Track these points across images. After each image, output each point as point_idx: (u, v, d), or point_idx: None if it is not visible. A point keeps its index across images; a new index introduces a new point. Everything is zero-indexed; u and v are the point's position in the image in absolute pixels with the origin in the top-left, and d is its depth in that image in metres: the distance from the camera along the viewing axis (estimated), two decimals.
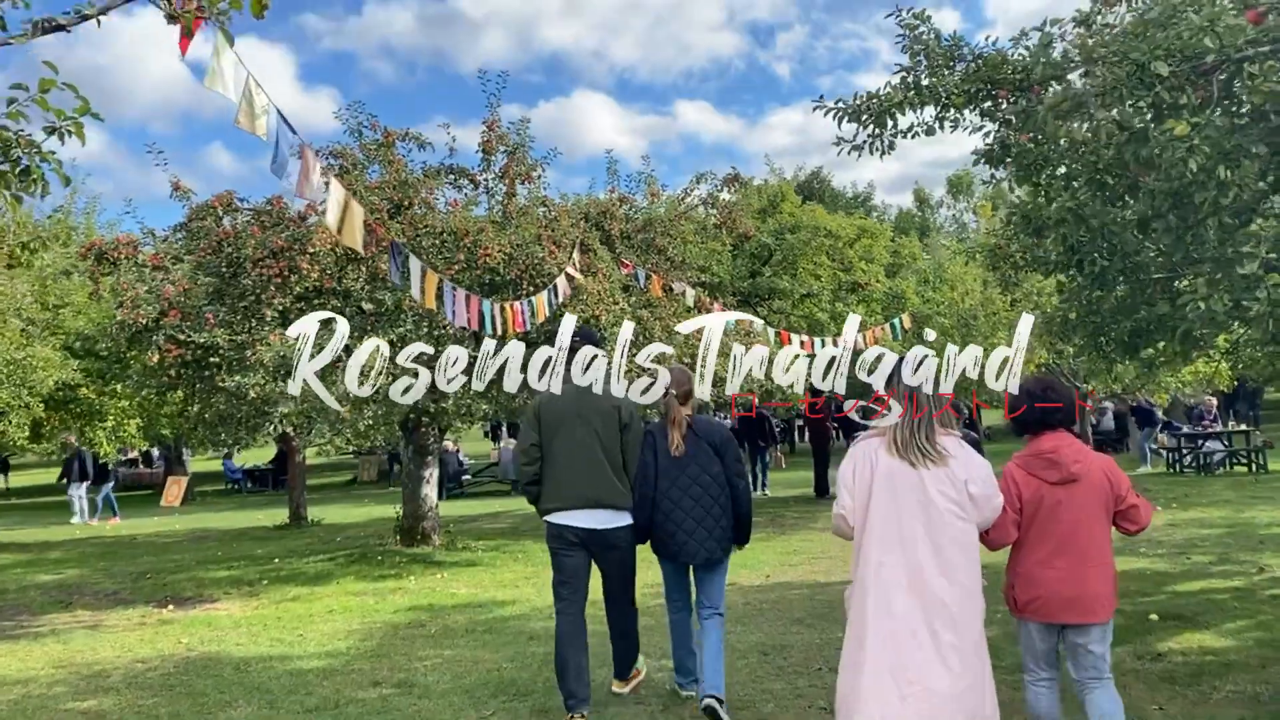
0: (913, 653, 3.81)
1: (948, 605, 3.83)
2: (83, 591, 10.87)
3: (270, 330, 9.36)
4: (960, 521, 3.89)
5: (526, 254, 10.12)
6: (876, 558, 3.92)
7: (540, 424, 5.61)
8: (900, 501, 3.91)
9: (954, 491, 3.90)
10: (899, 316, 14.87)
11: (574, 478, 5.46)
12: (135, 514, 23.73)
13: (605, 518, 5.46)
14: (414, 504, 12.55)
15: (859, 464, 4.05)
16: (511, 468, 23.20)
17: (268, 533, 17.11)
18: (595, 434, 5.44)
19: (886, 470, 3.96)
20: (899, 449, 3.96)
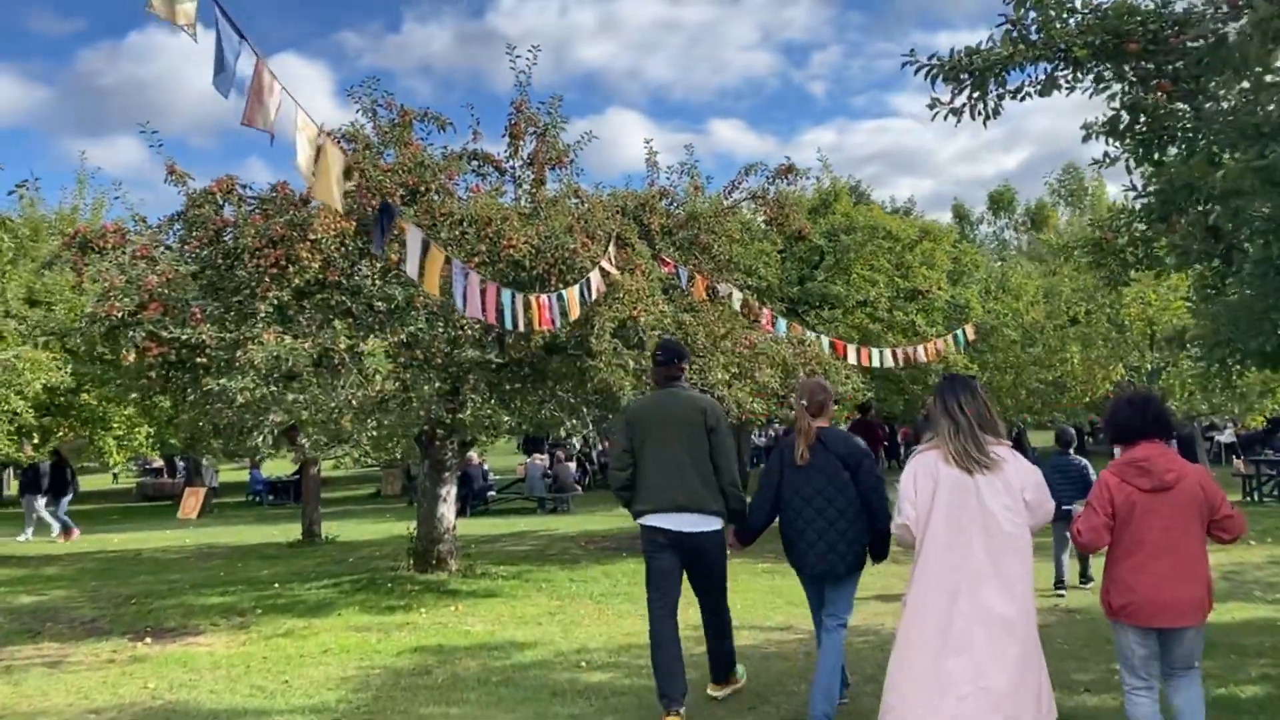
0: (970, 655, 3.91)
1: (1004, 609, 3.95)
2: (58, 618, 9.66)
3: (264, 328, 8.14)
4: (1016, 527, 4.02)
5: (556, 246, 8.84)
6: (936, 563, 4.04)
7: (631, 431, 5.67)
8: (959, 509, 4.03)
9: (1009, 498, 4.03)
10: (962, 328, 13.50)
11: (663, 482, 5.50)
12: (150, 526, 22.68)
13: (694, 521, 5.51)
14: (429, 525, 11.27)
15: (919, 474, 4.17)
16: (539, 485, 21.91)
17: (278, 550, 15.90)
18: (683, 439, 5.48)
19: (946, 479, 4.08)
20: (956, 459, 4.08)
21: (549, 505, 21.72)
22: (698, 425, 5.49)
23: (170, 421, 12.92)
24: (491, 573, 11.39)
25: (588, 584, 10.69)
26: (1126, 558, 4.23)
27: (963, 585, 3.96)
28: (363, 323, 8.59)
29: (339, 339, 7.97)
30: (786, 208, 11.14)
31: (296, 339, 8.09)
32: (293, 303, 8.58)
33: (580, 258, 8.75)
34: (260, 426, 7.82)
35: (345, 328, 8.03)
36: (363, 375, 7.86)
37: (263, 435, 7.81)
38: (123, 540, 18.97)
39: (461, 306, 6.59)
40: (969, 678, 3.88)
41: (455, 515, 11.59)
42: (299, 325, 8.47)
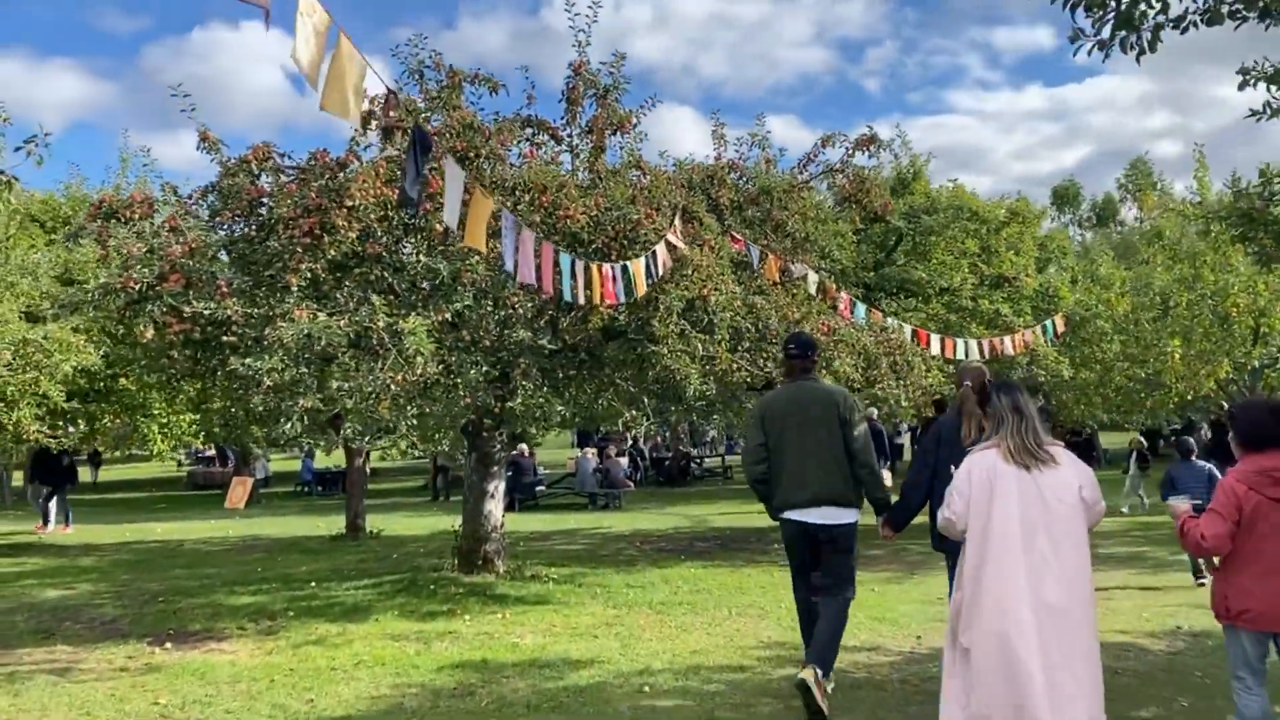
0: (1032, 649, 3.90)
1: (1065, 605, 3.95)
2: (78, 617, 8.93)
3: (295, 303, 7.30)
4: (1073, 523, 4.04)
5: (618, 218, 7.90)
6: (997, 558, 4.03)
7: (765, 425, 5.64)
8: (1019, 506, 4.04)
9: (1068, 495, 4.05)
10: (1051, 318, 12.33)
11: (801, 476, 5.46)
12: (197, 516, 22.22)
13: (831, 514, 5.47)
14: (475, 522, 10.40)
15: (975, 470, 4.18)
16: (590, 480, 21.04)
17: (320, 544, 15.19)
18: (818, 432, 5.46)
19: (1005, 476, 4.09)
20: (1014, 456, 4.10)
21: (600, 501, 20.84)
22: (832, 417, 5.49)
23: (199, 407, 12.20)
24: (541, 575, 10.49)
25: (646, 590, 9.74)
26: (1250, 565, 4.14)
27: (1024, 580, 3.98)
28: (405, 300, 7.72)
29: (377, 316, 7.10)
30: (867, 182, 10.08)
31: (331, 316, 7.24)
32: (328, 277, 7.74)
33: (644, 230, 7.80)
34: (290, 412, 6.98)
35: (385, 304, 7.17)
36: (403, 357, 6.98)
37: (291, 422, 6.97)
38: (166, 530, 18.44)
39: (512, 269, 5.69)
40: (1033, 671, 3.89)
41: (503, 512, 10.70)
42: (334, 302, 7.63)
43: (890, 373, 9.40)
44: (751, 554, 12.58)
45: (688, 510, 19.55)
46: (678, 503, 21.45)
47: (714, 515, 18.19)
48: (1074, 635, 3.94)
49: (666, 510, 19.85)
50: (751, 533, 14.78)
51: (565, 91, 9.29)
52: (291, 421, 6.97)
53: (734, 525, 16.18)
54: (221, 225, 8.73)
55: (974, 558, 4.10)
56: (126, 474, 38.80)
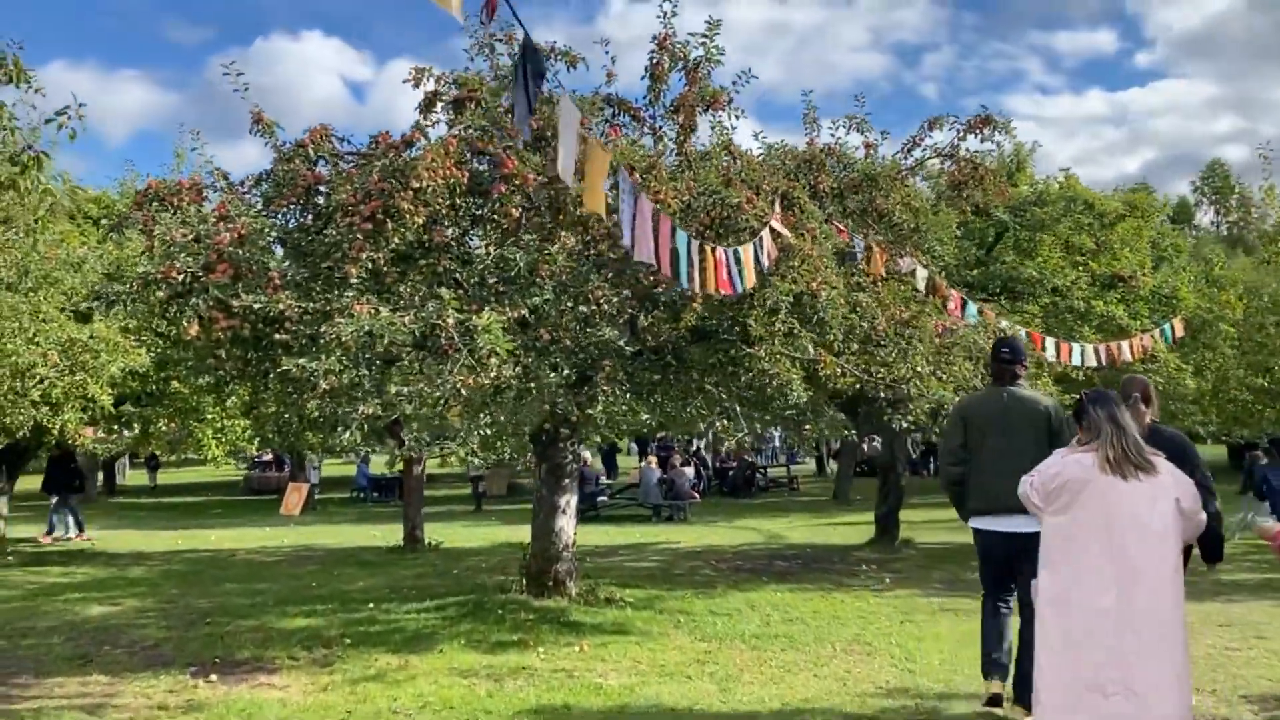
0: (1120, 657, 3.87)
1: (1156, 612, 3.91)
2: (118, 640, 8.18)
3: (355, 297, 6.46)
4: (1169, 532, 3.98)
5: (714, 201, 6.97)
6: (1085, 564, 3.99)
7: (966, 427, 5.64)
8: (1111, 513, 3.99)
9: (1165, 505, 4.00)
10: (1169, 321, 11.16)
11: (998, 484, 5.24)
12: (252, 522, 21.68)
13: (1026, 522, 4.99)
14: (545, 540, 9.50)
15: (1068, 468, 4.11)
16: (654, 491, 20.10)
17: (377, 556, 14.45)
18: (1023, 439, 5.32)
19: (1100, 482, 4.02)
20: (1111, 465, 4.03)
21: (664, 513, 19.89)
22: (1040, 427, 5.39)
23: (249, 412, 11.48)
24: (616, 599, 9.55)
25: (734, 620, 8.76)
26: None
27: (1113, 588, 3.94)
28: (473, 295, 6.86)
29: (446, 312, 6.23)
30: (981, 168, 9.02)
31: (395, 312, 6.39)
32: (391, 270, 6.89)
33: (745, 215, 6.85)
34: (348, 419, 6.15)
35: (454, 299, 6.30)
36: (475, 358, 6.10)
37: (350, 430, 6.13)
38: (220, 538, 17.87)
39: (629, 243, 4.80)
40: (1117, 679, 3.87)
41: (574, 528, 9.80)
42: (398, 296, 6.78)
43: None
44: (839, 576, 11.54)
45: (758, 524, 18.52)
46: (745, 515, 20.43)
47: (788, 530, 17.14)
48: (1163, 644, 3.90)
49: (735, 524, 18.84)
50: (834, 551, 13.73)
51: (648, 68, 8.37)
52: (350, 429, 6.13)
53: (812, 542, 15.13)
54: (275, 214, 7.94)
55: (1058, 554, 4.10)
56: (185, 478, 38.71)
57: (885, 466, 13.54)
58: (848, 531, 16.34)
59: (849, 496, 22.58)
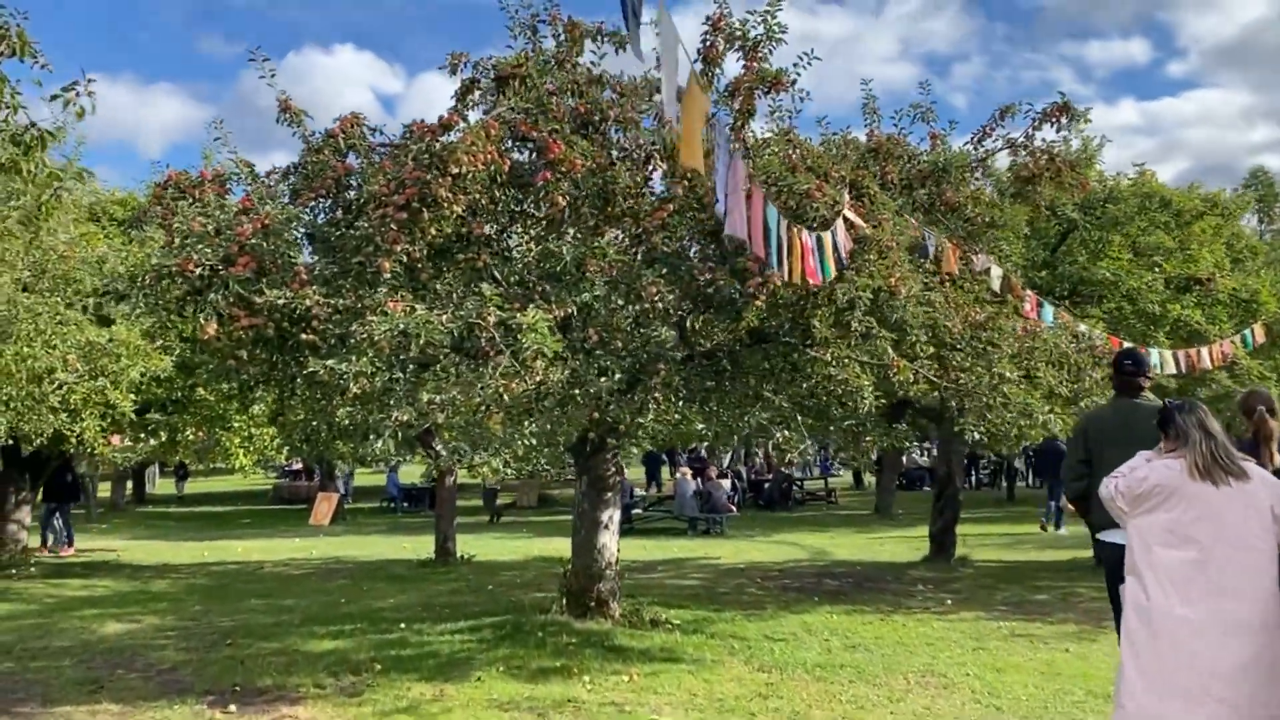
0: (1213, 667, 3.78)
1: (1249, 620, 3.82)
2: (133, 663, 7.63)
3: (387, 295, 5.88)
4: (1262, 540, 3.91)
5: (780, 189, 6.33)
6: (1176, 573, 3.91)
7: (1087, 440, 5.53)
8: (1201, 520, 3.93)
9: (1256, 513, 3.93)
10: (1250, 327, 10.38)
11: None
12: (280, 533, 21.25)
13: None
14: (586, 557, 8.86)
15: (1157, 470, 4.08)
16: (689, 503, 19.41)
17: (408, 570, 13.88)
18: None
19: (1189, 489, 3.98)
20: (1201, 470, 3.99)
21: (700, 527, 19.20)
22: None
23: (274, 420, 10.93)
24: (662, 620, 8.90)
25: (792, 646, 8.08)
26: None
27: (1206, 597, 3.85)
28: (514, 294, 6.26)
29: (488, 310, 5.63)
30: (1058, 160, 8.32)
31: (431, 310, 5.80)
32: (426, 265, 6.31)
33: (815, 204, 6.20)
34: (381, 427, 5.56)
35: (496, 295, 5.70)
36: (518, 361, 5.50)
37: (383, 439, 5.55)
38: (247, 549, 17.40)
39: (721, 211, 4.20)
40: (1212, 689, 3.76)
41: (618, 545, 9.17)
42: (434, 294, 6.20)
43: (1097, 386, 7.63)
44: (895, 596, 10.82)
45: (798, 539, 17.79)
46: (784, 530, 19.70)
47: (832, 546, 16.41)
48: (1255, 654, 3.79)
49: (774, 538, 18.12)
50: (886, 569, 13.00)
51: (700, 51, 7.75)
52: (383, 438, 5.55)
53: (860, 559, 14.40)
54: (302, 209, 7.39)
55: (1142, 560, 4.04)
56: (214, 486, 38.46)
57: (941, 480, 12.82)
58: (896, 547, 15.59)
59: (892, 510, 21.79)
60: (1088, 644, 8.23)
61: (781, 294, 6.25)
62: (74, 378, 9.68)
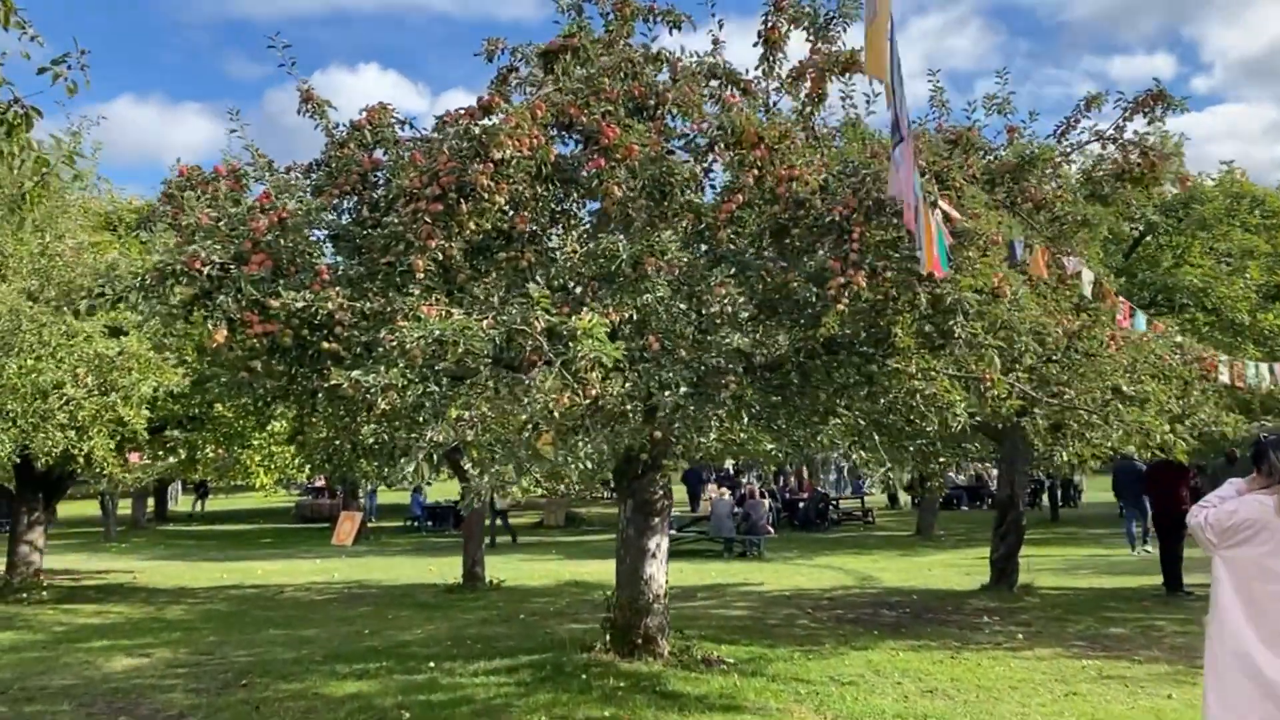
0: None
1: None
2: (137, 708, 6.84)
3: (420, 298, 5.14)
4: None
5: (861, 180, 5.56)
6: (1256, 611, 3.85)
7: None
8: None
9: None
10: None
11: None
12: (302, 553, 20.58)
13: None
14: (632, 589, 8.06)
15: (1246, 504, 3.99)
16: (726, 524, 18.57)
17: (436, 596, 13.11)
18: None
19: (1275, 524, 3.88)
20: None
21: (736, 549, 18.35)
22: None
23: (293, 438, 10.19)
24: (715, 659, 8.08)
25: (863, 691, 7.24)
26: None
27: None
28: (563, 299, 5.51)
29: (535, 314, 4.88)
30: (1152, 154, 7.49)
31: (470, 315, 5.06)
32: (464, 264, 5.57)
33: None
34: (413, 449, 4.82)
35: (545, 298, 4.94)
36: (570, 372, 4.73)
37: (415, 463, 4.80)
38: (267, 572, 16.70)
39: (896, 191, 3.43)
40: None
41: (666, 575, 8.36)
42: (472, 298, 5.46)
43: (1204, 401, 6.79)
44: (961, 630, 9.94)
45: (841, 562, 16.91)
46: (823, 552, 18.82)
47: (878, 571, 15.51)
48: None
49: (815, 561, 17.24)
50: (943, 598, 12.11)
51: (761, 33, 7.00)
52: (416, 460, 4.80)
53: (911, 586, 13.50)
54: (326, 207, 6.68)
55: (1226, 595, 3.96)
56: (236, 504, 37.90)
57: (1003, 503, 11.93)
58: (948, 573, 14.69)
59: (934, 532, 20.86)
60: (1188, 688, 7.33)
61: (865, 296, 5.46)
62: (83, 393, 9.02)
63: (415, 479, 5.62)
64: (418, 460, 4.78)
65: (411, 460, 4.79)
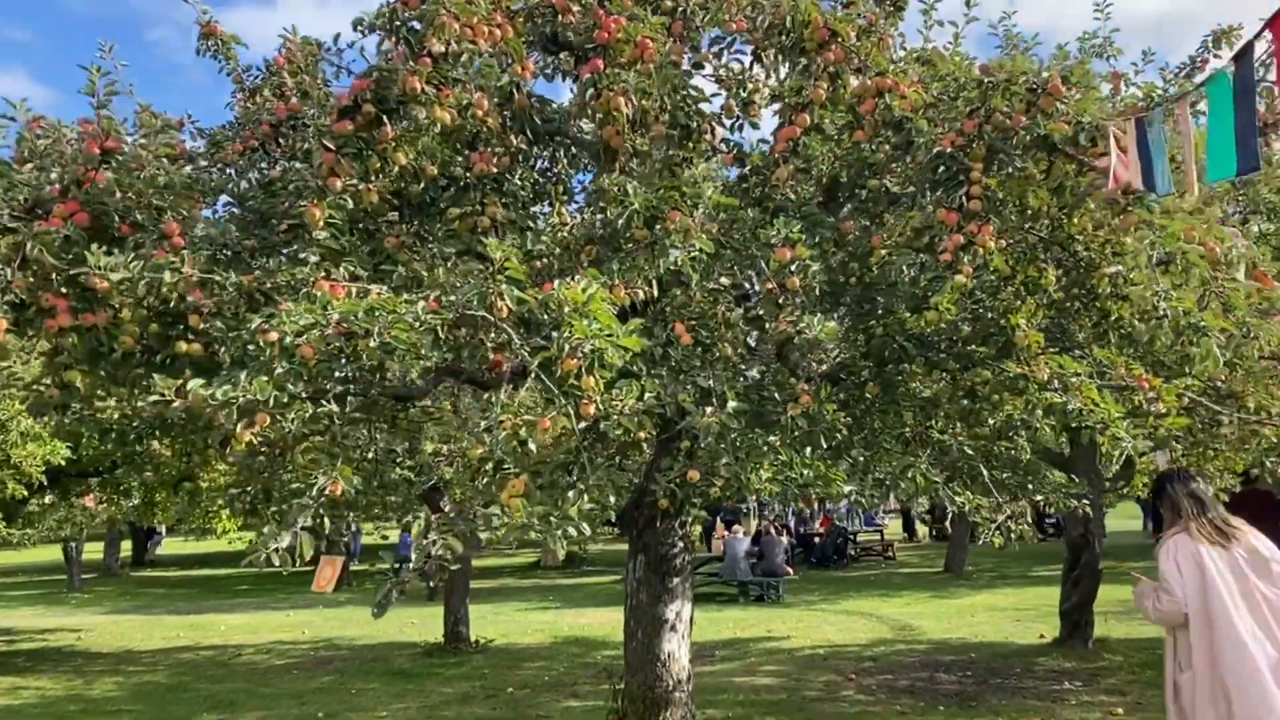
0: None
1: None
2: None
3: (316, 269, 3.25)
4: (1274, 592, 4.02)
5: (978, 96, 3.71)
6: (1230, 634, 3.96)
7: None
8: (1229, 580, 4.03)
9: (1261, 565, 4.06)
10: None
11: None
12: (276, 602, 18.58)
13: None
14: (648, 672, 6.05)
15: (1179, 556, 4.13)
16: (741, 565, 16.54)
17: (413, 659, 11.12)
18: None
19: (1210, 555, 4.07)
20: (1209, 535, 4.11)
21: (753, 593, 16.32)
22: None
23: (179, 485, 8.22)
24: None
25: None
26: None
27: (1264, 648, 3.93)
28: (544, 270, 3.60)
29: (500, 289, 2.98)
30: None
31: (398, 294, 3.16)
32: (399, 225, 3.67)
33: (1045, 117, 3.55)
34: (291, 509, 2.92)
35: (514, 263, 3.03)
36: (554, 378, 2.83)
37: (294, 526, 2.90)
38: (230, 628, 14.65)
39: None
40: None
41: (689, 650, 6.38)
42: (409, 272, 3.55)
43: None
44: (1044, 702, 7.95)
45: (870, 607, 14.85)
46: (847, 593, 16.77)
47: (914, 617, 13.47)
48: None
49: (840, 606, 15.20)
50: (1008, 656, 10.08)
51: None
52: (294, 528, 2.88)
53: (961, 638, 11.50)
54: (227, 169, 4.81)
55: (1202, 637, 4.02)
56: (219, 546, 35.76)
57: (1075, 544, 9.96)
58: (996, 621, 12.67)
59: (964, 568, 18.84)
60: None
61: (997, 264, 3.57)
62: None
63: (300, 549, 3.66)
64: (296, 527, 2.86)
65: (287, 528, 2.86)
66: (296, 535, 2.81)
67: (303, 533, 2.83)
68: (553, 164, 5.29)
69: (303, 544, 2.81)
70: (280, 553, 2.77)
